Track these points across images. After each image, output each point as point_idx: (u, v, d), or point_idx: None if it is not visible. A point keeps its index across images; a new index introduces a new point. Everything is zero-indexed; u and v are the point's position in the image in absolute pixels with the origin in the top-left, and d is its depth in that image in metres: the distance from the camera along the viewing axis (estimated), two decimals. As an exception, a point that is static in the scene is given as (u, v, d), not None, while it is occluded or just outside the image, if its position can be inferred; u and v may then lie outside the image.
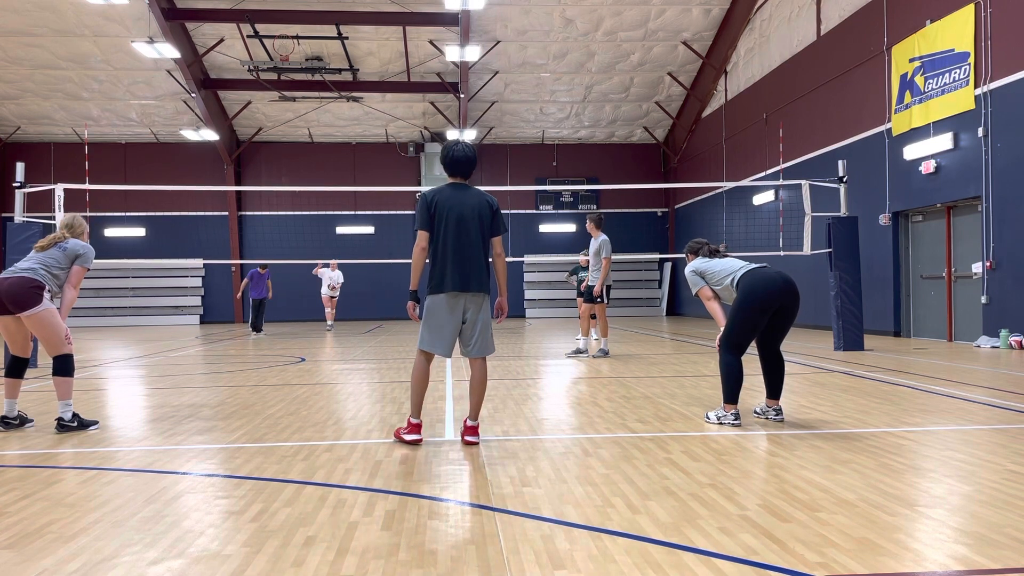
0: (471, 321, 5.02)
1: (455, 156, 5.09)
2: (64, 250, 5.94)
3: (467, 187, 5.11)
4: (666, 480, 4.07)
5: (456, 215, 4.95)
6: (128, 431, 5.80)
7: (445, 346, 5.01)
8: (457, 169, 5.12)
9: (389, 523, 3.41)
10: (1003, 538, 3.08)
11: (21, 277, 5.67)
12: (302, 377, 9.35)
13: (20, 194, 11.20)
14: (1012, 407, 6.28)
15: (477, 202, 5.03)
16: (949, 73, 13.18)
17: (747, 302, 5.44)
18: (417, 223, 5.02)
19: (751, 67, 21.31)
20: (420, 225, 4.99)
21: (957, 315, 13.56)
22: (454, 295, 4.95)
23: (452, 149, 5.11)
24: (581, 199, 28.26)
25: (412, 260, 5.01)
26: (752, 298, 5.43)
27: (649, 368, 9.77)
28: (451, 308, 4.97)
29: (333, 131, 27.19)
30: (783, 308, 5.48)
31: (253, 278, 19.30)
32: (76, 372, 6.09)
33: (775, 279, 5.45)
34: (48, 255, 5.90)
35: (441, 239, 4.96)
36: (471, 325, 5.02)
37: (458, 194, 5.03)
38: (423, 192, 5.06)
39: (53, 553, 3.08)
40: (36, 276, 5.71)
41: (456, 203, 4.99)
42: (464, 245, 4.94)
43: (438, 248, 4.96)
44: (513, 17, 21.44)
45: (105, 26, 21.32)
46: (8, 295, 5.60)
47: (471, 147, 5.16)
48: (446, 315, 4.97)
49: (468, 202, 5.01)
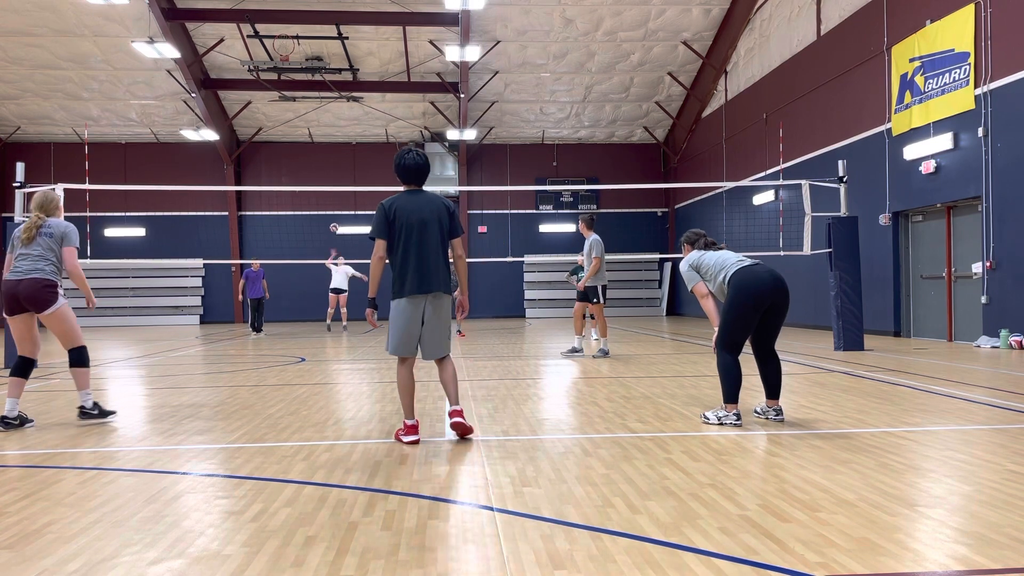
0: (428, 321, 5.16)
1: (407, 164, 5.23)
2: (51, 236, 6.04)
3: (423, 192, 5.26)
4: (666, 480, 4.07)
5: (416, 219, 5.09)
6: (128, 431, 5.81)
7: (414, 347, 5.18)
8: (410, 177, 5.26)
9: (389, 523, 3.41)
10: (1003, 538, 3.08)
11: (33, 279, 5.87)
12: (302, 377, 9.35)
13: (20, 194, 11.21)
14: (1012, 407, 6.28)
15: (435, 206, 5.18)
16: (949, 73, 13.18)
17: (739, 300, 5.47)
18: (374, 231, 5.15)
19: (751, 67, 21.31)
20: (377, 233, 5.13)
21: (957, 315, 13.56)
22: (416, 297, 5.10)
23: (404, 157, 5.25)
24: (581, 199, 28.26)
25: (371, 268, 5.14)
26: (744, 296, 5.45)
27: (649, 368, 9.77)
28: (415, 309, 5.11)
29: (333, 131, 27.19)
30: (774, 305, 5.52)
31: (248, 278, 19.33)
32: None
33: (765, 277, 5.48)
34: (44, 247, 6.00)
35: (402, 244, 5.08)
36: (428, 326, 5.16)
37: (415, 199, 5.18)
38: (382, 202, 5.16)
39: (53, 553, 3.08)
40: (46, 275, 5.91)
41: (415, 208, 5.13)
42: (424, 248, 5.08)
43: (398, 253, 5.10)
44: (513, 17, 21.44)
45: (105, 26, 21.32)
46: (26, 298, 5.86)
47: (423, 155, 5.30)
48: (410, 317, 5.11)
49: (426, 207, 5.15)
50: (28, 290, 5.86)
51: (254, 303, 19.39)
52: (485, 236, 27.91)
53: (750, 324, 5.53)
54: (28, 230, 6.01)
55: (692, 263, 5.88)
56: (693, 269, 5.86)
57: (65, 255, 6.05)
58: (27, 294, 5.86)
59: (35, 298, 5.87)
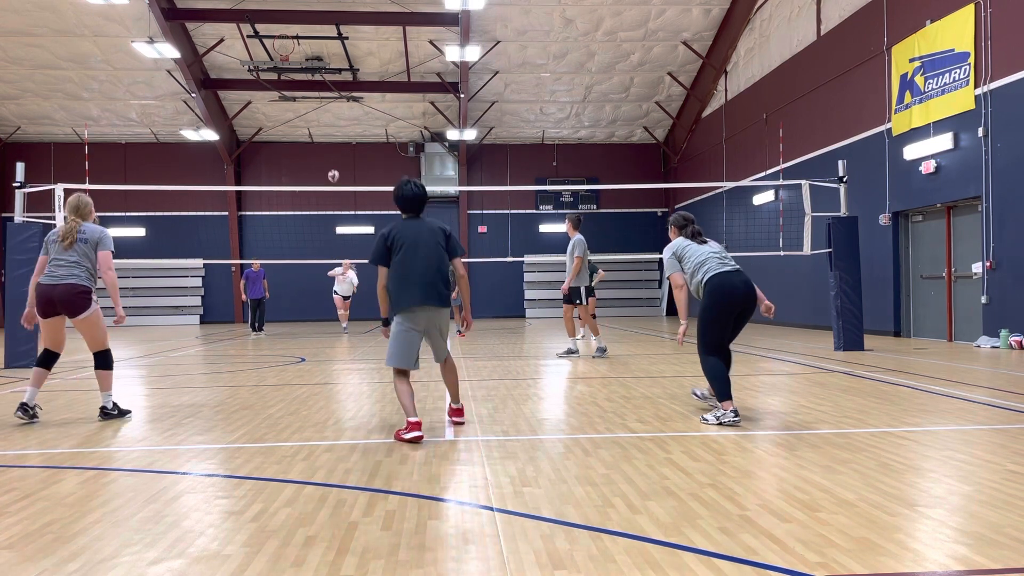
0: (427, 332, 5.50)
1: (405, 195, 5.52)
2: (86, 242, 6.21)
3: (421, 219, 5.56)
4: (666, 480, 4.07)
5: (412, 240, 5.39)
6: (128, 431, 5.81)
7: (412, 360, 5.44)
8: (409, 206, 5.54)
9: (389, 523, 3.41)
10: (1003, 538, 3.08)
11: (69, 284, 6.07)
12: (302, 377, 9.35)
13: (20, 194, 11.21)
14: (1012, 407, 6.28)
15: (432, 229, 5.50)
16: (949, 73, 13.18)
17: (715, 307, 5.76)
18: (374, 258, 5.44)
19: (751, 67, 21.31)
20: (376, 260, 5.42)
21: (957, 315, 13.56)
22: (413, 310, 5.36)
23: (403, 188, 5.54)
24: (581, 199, 28.25)
25: (378, 295, 5.46)
26: (720, 303, 5.73)
27: (649, 368, 9.77)
28: (413, 323, 5.39)
29: (333, 131, 27.18)
30: (744, 311, 5.83)
31: (249, 278, 19.33)
32: (78, 372, 6.14)
33: (739, 286, 5.74)
34: (80, 253, 6.16)
35: (400, 263, 5.36)
36: (434, 336, 5.54)
37: (413, 225, 5.49)
38: (381, 231, 5.49)
39: (53, 553, 3.08)
40: (81, 282, 6.11)
41: (412, 232, 5.43)
42: (421, 265, 5.35)
43: (397, 271, 5.36)
44: (513, 17, 21.44)
45: (105, 26, 21.32)
46: (62, 303, 6.06)
47: (421, 185, 5.60)
48: (409, 330, 5.39)
49: (423, 230, 5.47)
50: (64, 295, 6.05)
51: (254, 303, 19.40)
52: (485, 236, 27.91)
53: (726, 326, 5.83)
54: (67, 236, 6.15)
55: (676, 252, 6.04)
56: (675, 258, 6.02)
57: (101, 259, 6.23)
58: (63, 299, 6.05)
59: (71, 303, 6.07)
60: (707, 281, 5.76)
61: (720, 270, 5.78)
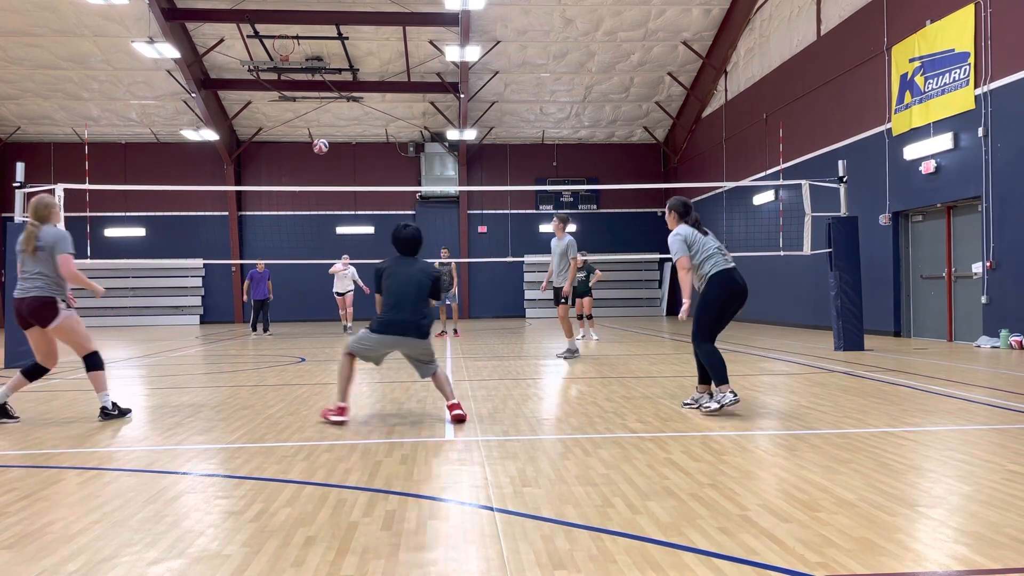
0: (413, 360, 6.10)
1: (402, 237, 6.12)
2: (43, 249, 6.02)
3: (413, 261, 6.13)
4: (666, 480, 4.07)
5: (400, 279, 5.98)
6: (128, 431, 5.81)
7: (373, 360, 6.14)
8: (403, 248, 6.14)
9: (389, 523, 3.41)
10: (1003, 538, 3.08)
11: (32, 298, 6.02)
12: (302, 377, 9.35)
13: (20, 194, 11.20)
14: (1012, 407, 6.28)
15: (421, 270, 6.06)
16: (949, 73, 13.18)
17: (717, 301, 6.08)
18: (373, 288, 6.22)
19: (751, 67, 21.31)
20: (375, 289, 6.16)
21: (957, 315, 13.56)
22: (386, 337, 5.96)
23: (401, 232, 6.13)
24: (581, 199, 28.25)
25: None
26: (725, 297, 6.07)
27: (649, 368, 9.77)
28: (383, 345, 6.02)
29: (333, 131, 27.16)
30: (740, 306, 6.22)
31: (253, 278, 19.30)
32: (78, 373, 6.15)
33: (741, 283, 6.13)
34: (41, 262, 6.03)
35: (385, 296, 6.00)
36: (415, 362, 6.11)
37: (404, 263, 6.09)
38: (376, 265, 6.14)
39: (53, 553, 3.08)
40: (44, 293, 6.02)
41: (402, 271, 6.03)
42: (401, 304, 5.92)
43: (384, 303, 6.01)
44: (513, 17, 21.44)
45: (105, 26, 21.32)
46: (30, 316, 6.06)
47: (417, 229, 6.18)
48: (377, 346, 6.03)
49: (413, 270, 6.05)
50: (29, 309, 6.04)
51: (257, 304, 19.37)
52: (485, 236, 27.91)
53: (723, 318, 6.19)
54: (26, 242, 6.02)
55: (687, 238, 6.23)
56: (686, 244, 6.20)
57: (59, 263, 6.00)
58: (29, 313, 6.05)
59: (38, 316, 6.05)
60: (714, 275, 6.07)
61: (726, 266, 6.13)
